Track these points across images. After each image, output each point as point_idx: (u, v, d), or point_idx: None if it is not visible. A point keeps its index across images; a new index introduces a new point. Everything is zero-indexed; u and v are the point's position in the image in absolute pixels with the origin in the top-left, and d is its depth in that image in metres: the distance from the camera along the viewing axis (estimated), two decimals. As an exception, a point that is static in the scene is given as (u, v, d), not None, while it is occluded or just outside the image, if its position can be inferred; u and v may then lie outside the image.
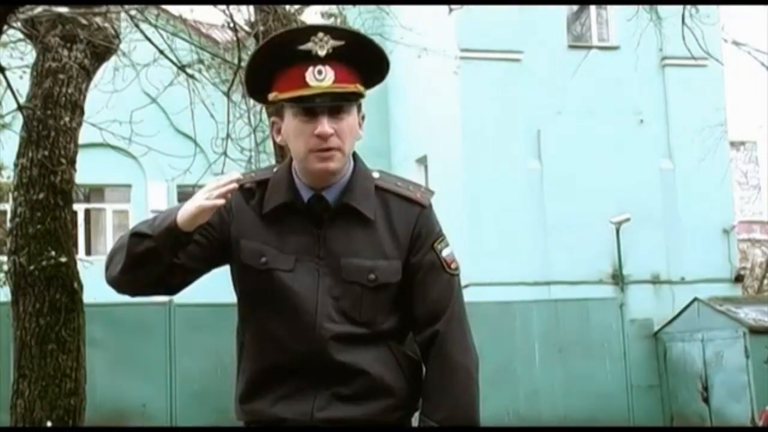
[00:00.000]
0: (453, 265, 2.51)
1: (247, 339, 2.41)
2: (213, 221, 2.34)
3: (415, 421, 2.46)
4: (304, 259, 2.35)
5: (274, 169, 2.46)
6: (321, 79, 2.30)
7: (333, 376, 2.33)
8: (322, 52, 2.31)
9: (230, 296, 2.54)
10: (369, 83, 2.44)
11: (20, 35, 8.85)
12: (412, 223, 2.44)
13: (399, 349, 2.41)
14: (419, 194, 2.49)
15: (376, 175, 2.46)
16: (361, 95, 2.40)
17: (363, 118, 2.45)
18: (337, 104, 2.33)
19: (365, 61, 2.38)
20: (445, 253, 2.51)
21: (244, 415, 2.41)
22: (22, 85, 8.40)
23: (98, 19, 8.13)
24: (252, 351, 2.39)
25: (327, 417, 2.32)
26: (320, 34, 2.31)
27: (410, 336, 2.46)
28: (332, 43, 2.31)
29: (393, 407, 2.38)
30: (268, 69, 2.35)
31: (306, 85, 2.30)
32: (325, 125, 2.30)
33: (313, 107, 2.31)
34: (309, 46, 2.30)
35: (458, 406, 2.38)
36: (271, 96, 2.37)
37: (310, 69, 2.30)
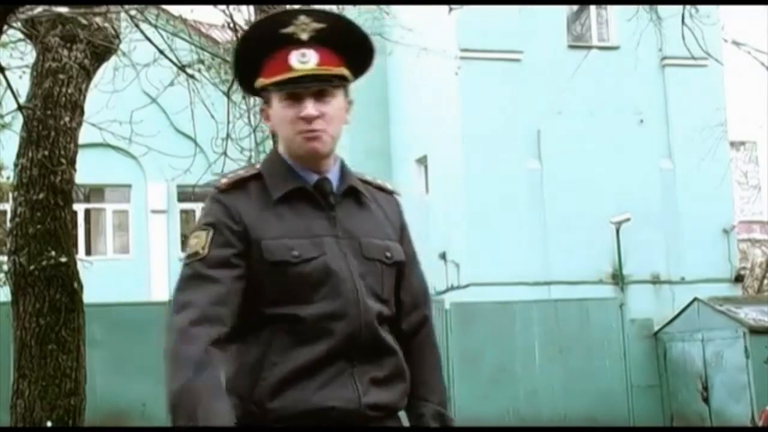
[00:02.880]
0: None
1: (270, 339, 2.27)
2: (231, 241, 2.27)
3: None
4: (328, 240, 2.32)
5: (257, 165, 2.42)
6: (305, 61, 2.30)
7: (371, 357, 2.29)
8: (304, 36, 2.30)
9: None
10: (355, 69, 2.41)
11: (20, 35, 8.84)
12: (397, 212, 2.51)
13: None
14: (391, 187, 2.55)
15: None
16: (346, 79, 2.37)
17: (350, 103, 2.43)
18: (321, 86, 2.31)
19: (349, 44, 2.36)
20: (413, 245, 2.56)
21: (269, 413, 2.24)
22: (22, 85, 8.39)
23: (98, 19, 8.12)
24: (280, 347, 2.25)
25: (372, 402, 2.28)
26: (302, 17, 2.30)
27: None
28: (314, 25, 2.30)
29: (406, 392, 2.39)
30: (254, 57, 2.34)
31: (290, 69, 2.30)
32: (310, 108, 2.29)
33: (297, 90, 2.30)
34: (291, 29, 2.30)
35: (444, 388, 2.48)
36: (258, 83, 2.36)
37: (294, 52, 2.30)
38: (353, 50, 2.38)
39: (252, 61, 2.35)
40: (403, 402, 2.38)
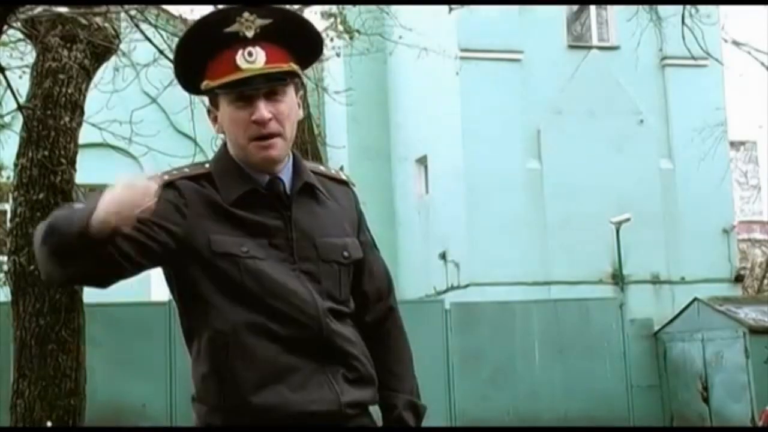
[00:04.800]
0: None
1: (227, 343, 2.21)
2: (167, 214, 2.17)
3: None
4: (277, 243, 2.24)
5: (206, 165, 2.32)
6: (252, 60, 2.20)
7: (337, 359, 2.25)
8: (250, 33, 2.20)
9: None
10: (304, 62, 2.33)
11: (20, 35, 8.85)
12: (353, 202, 2.43)
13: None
14: (344, 175, 2.46)
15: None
16: (296, 74, 2.29)
17: (302, 98, 2.35)
18: (272, 86, 2.22)
19: (297, 38, 2.28)
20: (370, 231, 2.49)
21: (253, 408, 2.17)
22: (22, 85, 8.40)
23: (98, 19, 8.13)
24: (239, 352, 2.19)
25: (350, 401, 2.24)
26: (246, 14, 2.21)
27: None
28: (259, 22, 2.21)
29: (375, 392, 2.35)
30: (197, 57, 2.25)
31: (237, 69, 2.20)
32: (262, 110, 2.21)
33: (247, 92, 2.20)
34: (236, 27, 2.20)
35: (414, 377, 2.44)
36: (203, 85, 2.26)
37: (240, 51, 2.20)
38: (300, 43, 2.29)
39: (195, 62, 2.26)
40: (375, 399, 2.34)
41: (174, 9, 11.38)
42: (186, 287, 2.29)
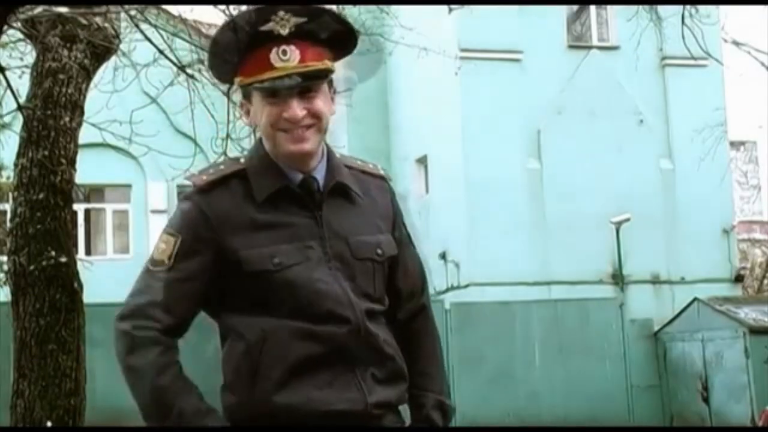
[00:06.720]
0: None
1: (263, 341, 2.23)
2: (200, 250, 2.24)
3: None
4: (311, 244, 2.25)
5: (242, 159, 2.33)
6: (286, 59, 2.21)
7: (370, 359, 2.25)
8: (284, 31, 2.21)
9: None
10: (338, 57, 2.34)
11: (20, 35, 8.83)
12: (389, 197, 2.43)
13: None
14: (381, 170, 2.46)
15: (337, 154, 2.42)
16: (330, 71, 2.29)
17: (335, 92, 2.35)
18: (305, 84, 2.23)
19: (332, 35, 2.28)
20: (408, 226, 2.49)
21: (276, 407, 2.19)
22: (22, 85, 8.39)
23: (98, 19, 8.11)
24: (275, 351, 2.21)
25: (377, 401, 2.24)
26: (281, 13, 2.21)
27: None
28: (294, 20, 2.22)
29: (405, 390, 2.35)
30: (231, 53, 2.26)
31: (271, 67, 2.21)
32: (295, 108, 2.22)
33: (280, 90, 2.22)
34: (270, 26, 2.21)
35: (444, 376, 2.46)
36: (237, 81, 2.29)
37: (274, 50, 2.21)
38: (335, 40, 2.30)
39: (228, 58, 2.27)
40: (404, 398, 2.34)
41: (174, 9, 11.36)
42: (221, 294, 2.30)
